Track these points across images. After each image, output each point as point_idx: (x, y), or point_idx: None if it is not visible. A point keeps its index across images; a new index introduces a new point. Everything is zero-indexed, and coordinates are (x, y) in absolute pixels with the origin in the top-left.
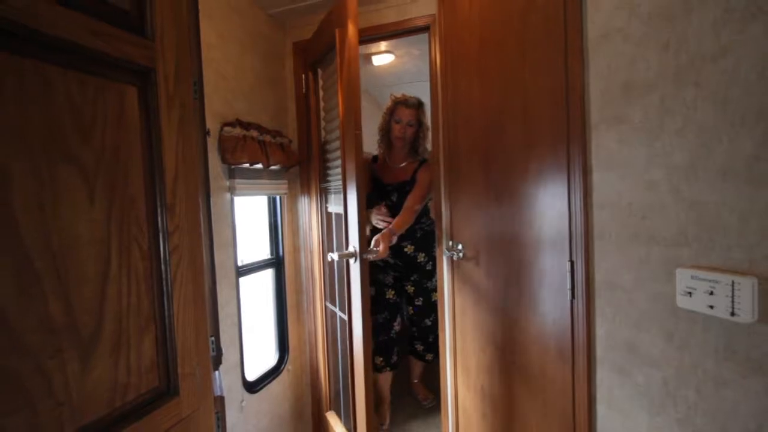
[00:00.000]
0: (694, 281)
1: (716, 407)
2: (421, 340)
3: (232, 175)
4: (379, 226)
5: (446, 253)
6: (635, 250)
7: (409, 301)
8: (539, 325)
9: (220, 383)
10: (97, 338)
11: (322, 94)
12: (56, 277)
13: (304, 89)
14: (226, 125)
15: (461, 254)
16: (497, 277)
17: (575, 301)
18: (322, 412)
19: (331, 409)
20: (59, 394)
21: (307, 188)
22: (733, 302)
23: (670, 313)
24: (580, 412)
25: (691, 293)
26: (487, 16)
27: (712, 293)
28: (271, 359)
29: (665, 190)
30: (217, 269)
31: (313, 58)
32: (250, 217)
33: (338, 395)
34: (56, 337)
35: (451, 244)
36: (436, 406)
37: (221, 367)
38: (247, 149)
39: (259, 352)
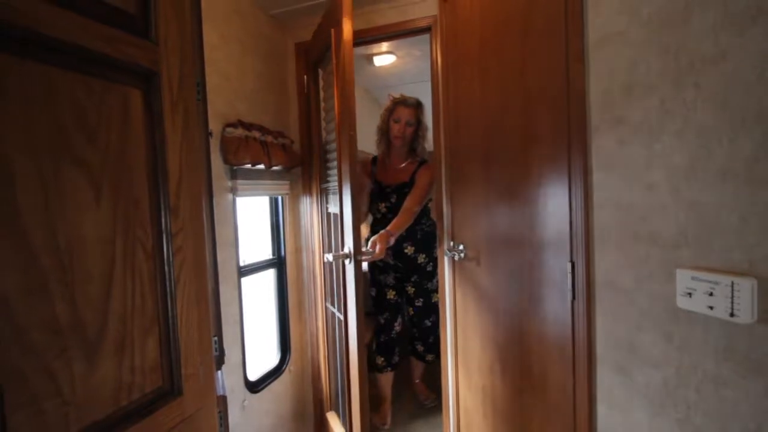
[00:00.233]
0: (694, 282)
1: (716, 407)
2: (421, 340)
3: (234, 175)
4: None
5: (447, 253)
6: (636, 250)
7: (409, 301)
8: (540, 325)
9: (222, 383)
10: (102, 338)
11: (322, 94)
12: (62, 277)
13: (305, 90)
14: (228, 126)
15: (462, 254)
16: (498, 277)
17: (576, 301)
18: (323, 412)
19: (331, 409)
20: (65, 393)
21: (308, 189)
22: (732, 303)
23: (670, 313)
24: (580, 411)
25: (691, 294)
26: (488, 17)
27: (711, 294)
28: (272, 359)
29: (665, 191)
30: (219, 269)
31: (313, 58)
32: (251, 217)
33: (338, 395)
34: (62, 336)
35: (452, 244)
36: (437, 405)
37: (223, 366)
38: (249, 150)
39: (260, 352)
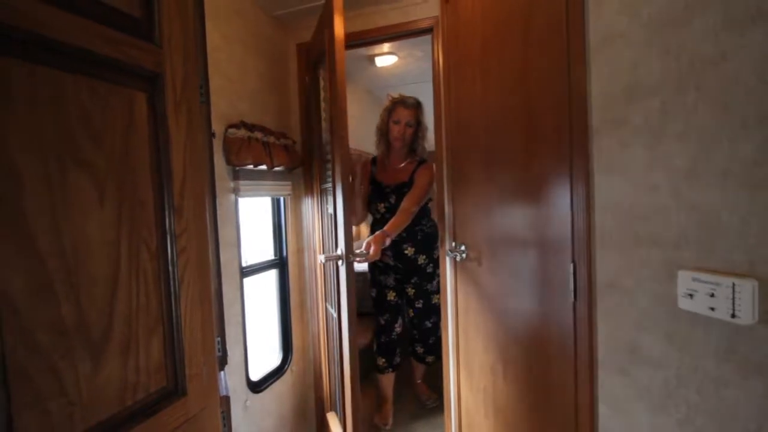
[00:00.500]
0: (695, 283)
1: (717, 408)
2: (421, 342)
3: (236, 176)
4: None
5: (449, 254)
6: (637, 251)
7: (409, 303)
8: (541, 325)
9: (225, 383)
10: (107, 338)
11: (323, 94)
12: (68, 278)
13: (306, 90)
14: (230, 127)
15: (464, 255)
16: (500, 277)
17: (577, 301)
18: (324, 412)
19: (332, 409)
20: (71, 393)
21: (310, 189)
22: (733, 304)
23: (671, 314)
24: (582, 411)
25: (692, 295)
26: (489, 18)
27: (712, 295)
28: (274, 359)
29: (666, 192)
30: (222, 270)
31: (313, 58)
32: (254, 218)
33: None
34: (67, 337)
35: (454, 245)
36: (439, 406)
37: (226, 367)
38: (251, 151)
39: (262, 352)
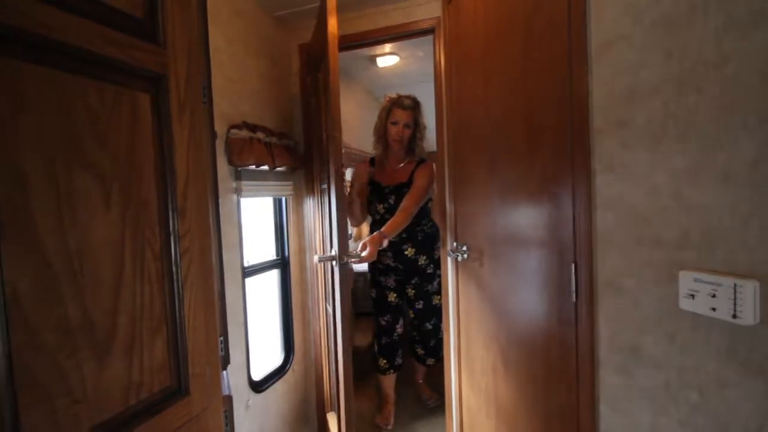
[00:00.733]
0: (696, 284)
1: (718, 408)
2: (422, 344)
3: (238, 176)
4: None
5: (451, 254)
6: (638, 252)
7: (409, 304)
8: (543, 325)
9: (227, 383)
10: (111, 338)
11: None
12: (73, 278)
13: (308, 90)
14: (232, 127)
15: (466, 255)
16: (501, 277)
17: (579, 302)
18: (325, 412)
19: (332, 409)
20: (76, 392)
21: (311, 190)
22: (735, 305)
23: (672, 315)
24: (583, 411)
25: (693, 295)
26: (491, 19)
27: (714, 296)
28: (276, 359)
29: (668, 193)
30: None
31: (314, 58)
32: (255, 217)
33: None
34: (73, 337)
35: (455, 245)
36: (440, 406)
37: (228, 366)
38: (253, 151)
39: (264, 352)
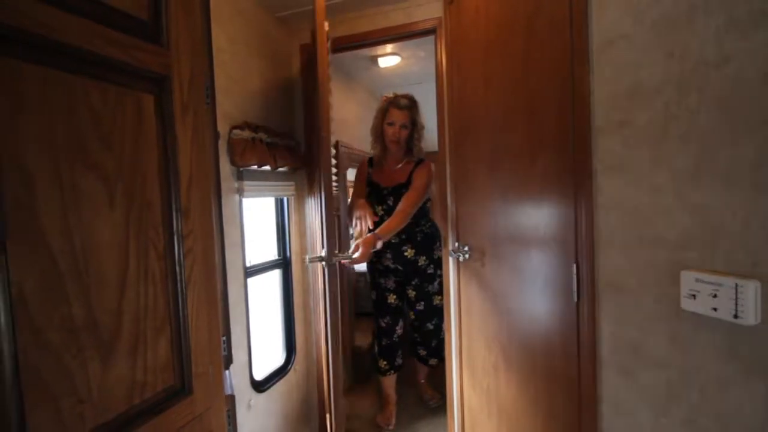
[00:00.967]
0: (698, 284)
1: (719, 408)
2: (423, 345)
3: (240, 176)
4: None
5: (452, 254)
6: (640, 252)
7: (410, 305)
8: (545, 325)
9: (230, 382)
10: (116, 338)
11: None
12: (78, 278)
13: (309, 90)
14: (234, 128)
15: (467, 255)
16: (503, 278)
17: (581, 302)
18: (326, 412)
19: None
20: (81, 391)
21: (313, 190)
22: (736, 305)
23: (674, 315)
24: (585, 411)
25: (695, 296)
26: (493, 19)
27: (715, 296)
28: (278, 359)
29: (669, 194)
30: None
31: (315, 59)
32: (257, 218)
33: None
34: (78, 336)
35: (457, 245)
36: (442, 406)
37: (231, 366)
38: (255, 152)
39: (266, 351)
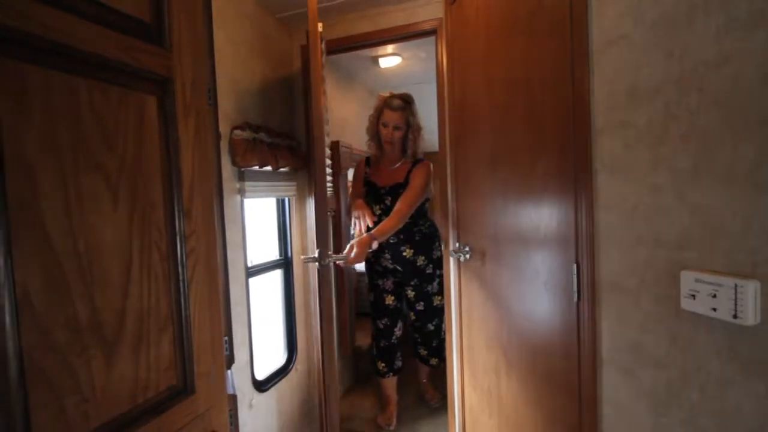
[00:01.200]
0: (698, 284)
1: (720, 408)
2: (424, 345)
3: (241, 177)
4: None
5: (453, 254)
6: (640, 252)
7: (410, 305)
8: (545, 325)
9: (232, 382)
10: (120, 337)
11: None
12: (82, 278)
13: (309, 91)
14: (236, 128)
15: (468, 255)
16: (504, 278)
17: (581, 302)
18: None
19: None
20: (85, 390)
21: (314, 190)
22: (736, 305)
23: (674, 315)
24: (585, 411)
25: (694, 296)
26: (493, 20)
27: (715, 296)
28: (279, 359)
29: (669, 194)
30: (228, 270)
31: None
32: (259, 218)
33: None
34: (82, 336)
35: (458, 245)
36: (442, 406)
37: (232, 366)
38: (256, 152)
39: (267, 351)
